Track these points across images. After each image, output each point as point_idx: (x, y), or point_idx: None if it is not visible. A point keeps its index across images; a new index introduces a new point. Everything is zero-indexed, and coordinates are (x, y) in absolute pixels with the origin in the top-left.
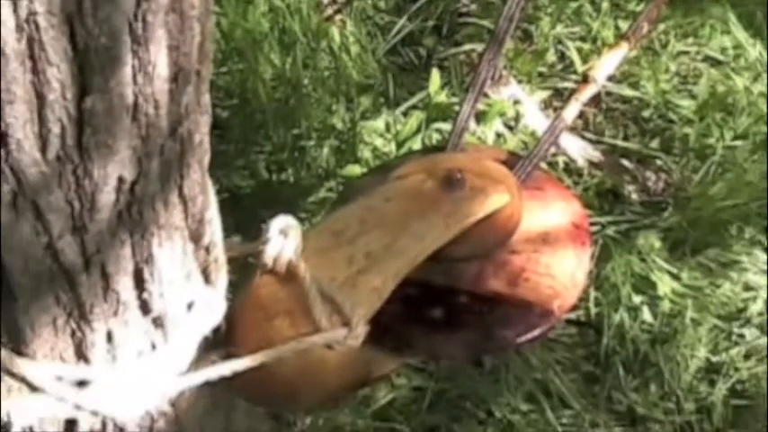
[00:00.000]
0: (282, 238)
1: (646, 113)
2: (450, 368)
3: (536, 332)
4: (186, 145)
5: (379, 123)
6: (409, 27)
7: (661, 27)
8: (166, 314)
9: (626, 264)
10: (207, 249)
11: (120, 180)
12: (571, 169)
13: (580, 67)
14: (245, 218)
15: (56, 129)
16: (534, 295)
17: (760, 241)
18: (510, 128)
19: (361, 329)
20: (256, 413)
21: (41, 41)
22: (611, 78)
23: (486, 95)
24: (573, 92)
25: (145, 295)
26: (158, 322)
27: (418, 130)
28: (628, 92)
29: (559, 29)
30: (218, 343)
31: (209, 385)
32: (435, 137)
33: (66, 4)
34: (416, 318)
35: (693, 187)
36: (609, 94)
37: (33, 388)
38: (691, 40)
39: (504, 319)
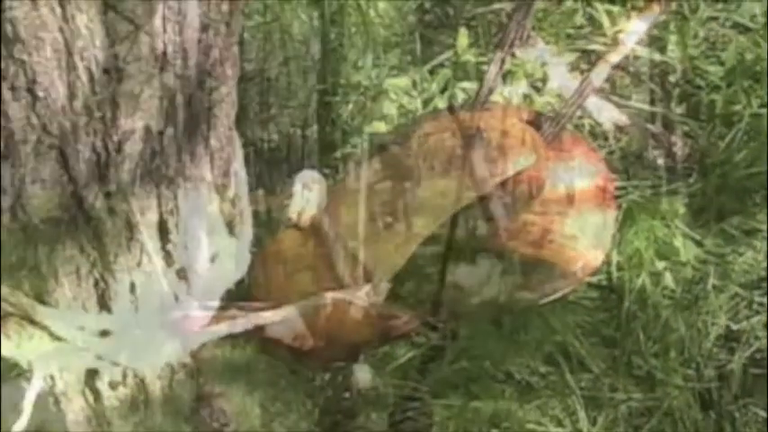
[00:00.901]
0: (307, 193)
1: (673, 78)
2: (470, 328)
3: (558, 294)
4: (214, 97)
5: (406, 81)
6: None
7: None
8: (190, 266)
9: (649, 228)
10: (232, 202)
11: (147, 130)
12: (596, 132)
13: (609, 30)
14: (269, 172)
15: (84, 76)
16: (558, 257)
17: None
18: (537, 89)
19: (384, 286)
20: (276, 367)
21: None
22: (638, 42)
23: (513, 55)
24: (601, 54)
25: (169, 246)
26: (181, 274)
27: (444, 89)
28: (655, 56)
29: None
30: (241, 296)
31: (230, 338)
32: (461, 96)
33: None
34: (438, 276)
35: (719, 154)
36: (636, 57)
37: (55, 337)
38: (720, 5)
39: (527, 279)
